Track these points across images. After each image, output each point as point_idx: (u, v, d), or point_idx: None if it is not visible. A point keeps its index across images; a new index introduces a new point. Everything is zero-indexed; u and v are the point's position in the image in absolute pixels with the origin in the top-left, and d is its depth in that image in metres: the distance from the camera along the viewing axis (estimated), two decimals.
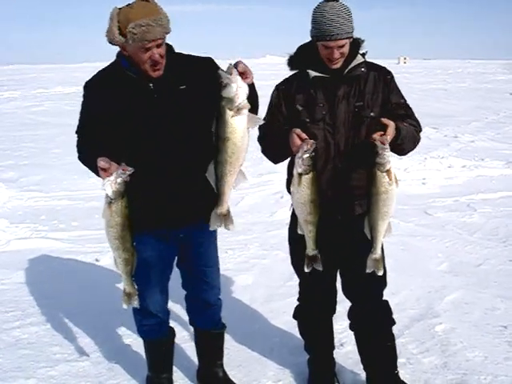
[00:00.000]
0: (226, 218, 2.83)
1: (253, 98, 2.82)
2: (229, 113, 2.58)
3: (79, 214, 7.74)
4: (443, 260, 5.78)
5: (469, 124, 16.11)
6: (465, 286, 5.10)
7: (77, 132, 3.22)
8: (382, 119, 2.96)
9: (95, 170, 2.93)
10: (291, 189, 3.01)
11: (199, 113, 3.03)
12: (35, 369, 3.91)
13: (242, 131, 2.63)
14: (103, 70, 3.17)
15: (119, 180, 2.77)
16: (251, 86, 2.79)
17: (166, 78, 3.02)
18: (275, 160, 3.31)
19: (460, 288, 5.06)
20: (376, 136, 2.90)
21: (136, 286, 3.10)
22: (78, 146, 3.21)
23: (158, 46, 2.90)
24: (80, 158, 3.20)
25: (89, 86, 3.14)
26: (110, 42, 2.95)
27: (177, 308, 4.28)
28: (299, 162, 2.88)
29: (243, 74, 2.67)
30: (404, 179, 9.07)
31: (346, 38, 3.01)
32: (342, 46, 3.01)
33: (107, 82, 3.08)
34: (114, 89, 3.02)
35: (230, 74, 2.57)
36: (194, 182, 3.07)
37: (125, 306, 3.14)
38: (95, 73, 3.18)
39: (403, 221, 7.07)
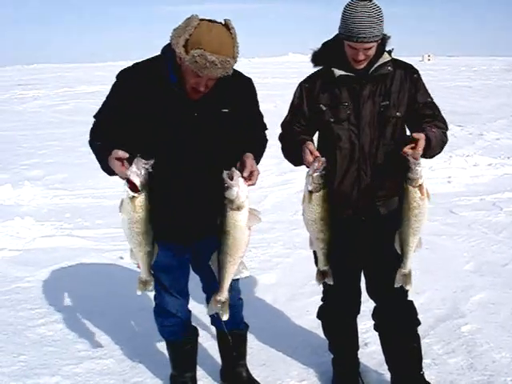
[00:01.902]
0: (224, 304, 2.98)
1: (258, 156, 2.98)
2: (230, 211, 2.74)
3: (104, 212, 7.79)
4: (469, 260, 5.72)
5: (494, 121, 15.90)
6: (491, 286, 5.04)
7: (95, 116, 3.06)
8: (414, 134, 2.87)
9: (102, 159, 2.82)
10: (302, 206, 2.98)
11: (233, 138, 2.99)
12: (60, 366, 3.95)
13: (241, 227, 2.78)
14: (140, 63, 3.01)
15: (144, 171, 2.64)
16: (259, 155, 3.01)
17: (209, 96, 2.89)
18: (293, 164, 3.27)
19: (486, 288, 5.00)
20: (408, 150, 2.83)
21: (152, 272, 3.01)
22: (92, 130, 3.06)
23: (210, 81, 2.79)
24: (91, 144, 3.03)
25: (123, 76, 2.98)
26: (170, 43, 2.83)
27: (200, 308, 4.28)
28: (309, 180, 2.86)
29: (248, 177, 2.76)
30: (429, 178, 8.96)
31: (374, 42, 2.95)
32: (369, 49, 2.96)
33: (144, 77, 2.92)
34: (150, 87, 2.88)
35: (232, 179, 2.69)
36: (212, 201, 2.90)
37: (139, 292, 3.06)
38: (131, 65, 3.02)
39: (428, 220, 6.90)
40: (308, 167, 2.89)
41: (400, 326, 3.38)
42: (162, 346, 3.99)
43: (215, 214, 2.86)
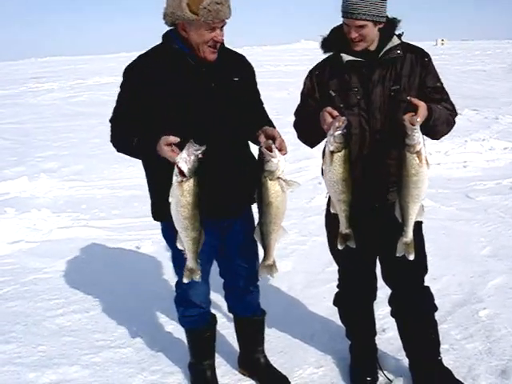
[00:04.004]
0: (272, 267, 3.13)
1: None
2: (270, 182, 2.86)
3: (119, 202, 7.84)
4: (486, 244, 5.68)
5: (509, 105, 15.70)
6: (508, 271, 5.00)
7: (111, 120, 3.10)
8: (412, 99, 2.87)
9: (147, 153, 2.89)
10: (323, 167, 2.96)
11: (247, 106, 3.11)
12: (79, 355, 3.98)
13: (282, 195, 2.91)
14: (145, 54, 3.09)
15: (193, 157, 2.67)
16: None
17: (219, 66, 3.02)
18: (310, 142, 3.27)
19: (503, 273, 4.96)
20: (406, 117, 2.81)
21: (199, 261, 2.99)
22: (114, 134, 3.10)
23: (222, 28, 2.93)
24: (120, 146, 3.07)
25: (130, 70, 3.04)
26: (170, 22, 2.94)
27: (216, 295, 4.30)
28: (330, 139, 2.84)
29: (279, 147, 2.87)
30: (445, 162, 8.95)
31: (367, 20, 2.92)
32: (361, 27, 2.93)
33: (155, 64, 3.00)
34: (163, 71, 2.97)
35: (271, 151, 2.81)
36: (239, 173, 3.08)
37: (185, 280, 3.03)
38: (135, 58, 3.08)
39: (444, 205, 6.96)
40: (328, 130, 2.86)
41: (416, 312, 3.36)
42: (180, 334, 4.01)
43: (243, 184, 3.07)
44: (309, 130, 3.16)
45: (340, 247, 3.11)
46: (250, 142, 3.24)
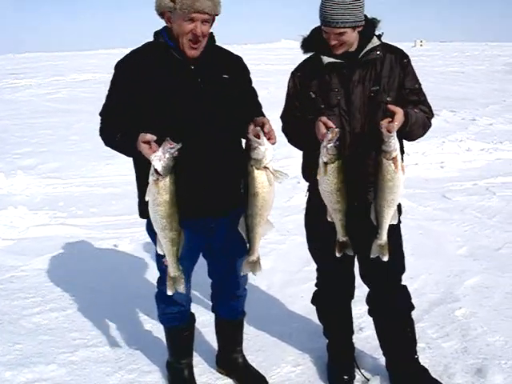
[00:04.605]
0: (256, 264, 3.07)
1: None
2: (257, 171, 2.80)
3: (97, 200, 7.79)
4: (462, 244, 5.74)
5: (487, 107, 15.93)
6: (484, 270, 5.07)
7: (101, 114, 3.10)
8: (389, 106, 2.92)
9: (127, 149, 2.90)
10: (317, 178, 2.98)
11: (237, 104, 3.08)
12: (56, 354, 3.95)
13: (268, 186, 2.85)
14: (135, 50, 3.09)
15: (167, 155, 2.65)
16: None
17: (208, 64, 3.02)
18: (302, 148, 3.30)
19: (480, 272, 5.03)
20: (383, 123, 2.85)
21: (181, 268, 2.96)
22: (103, 127, 3.09)
23: (204, 23, 2.89)
24: (107, 140, 3.06)
25: (121, 66, 3.04)
26: (158, 11, 2.94)
27: (196, 293, 4.29)
28: (324, 151, 2.87)
29: (268, 135, 2.81)
30: (422, 163, 9.02)
31: (345, 28, 2.94)
32: (341, 34, 2.96)
33: (143, 60, 3.01)
34: (151, 67, 2.97)
35: (259, 138, 2.76)
36: (229, 173, 3.05)
37: (169, 293, 3.00)
38: (127, 53, 3.10)
39: (421, 205, 7.03)
40: (322, 140, 2.89)
41: (393, 311, 3.39)
42: (157, 333, 4.01)
43: (231, 184, 2.99)
44: (301, 138, 3.19)
45: (338, 255, 3.15)
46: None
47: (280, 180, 2.88)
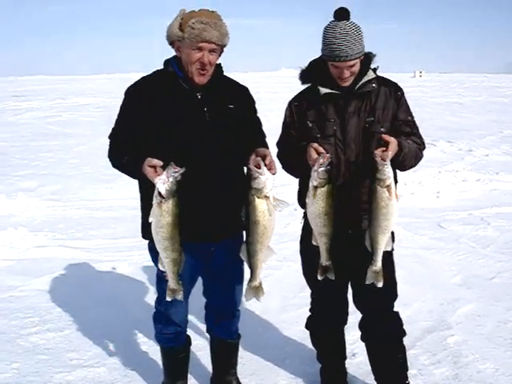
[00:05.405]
0: (259, 289, 3.17)
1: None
2: (258, 200, 2.87)
3: (96, 223, 7.85)
4: (456, 273, 5.80)
5: (484, 138, 16.04)
6: (478, 299, 5.12)
7: (110, 137, 3.20)
8: (384, 136, 3.01)
9: (133, 172, 2.98)
10: (306, 200, 3.05)
11: (241, 133, 3.17)
12: (52, 374, 3.98)
13: (269, 215, 2.92)
14: (145, 77, 3.21)
15: (171, 179, 2.75)
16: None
17: (214, 93, 3.11)
18: (296, 174, 3.37)
19: (473, 301, 5.08)
20: (377, 152, 2.95)
21: (181, 282, 3.04)
22: (111, 150, 3.18)
23: (211, 53, 3.01)
24: (114, 162, 3.15)
25: (132, 91, 3.16)
26: (169, 41, 3.07)
27: (192, 315, 4.34)
28: (314, 175, 2.94)
29: (269, 166, 2.90)
30: (418, 192, 9.10)
31: (356, 59, 3.06)
32: (353, 66, 3.06)
33: (152, 88, 3.12)
34: (159, 95, 3.07)
35: (259, 168, 2.84)
36: (230, 199, 3.12)
37: (169, 299, 3.07)
38: (137, 79, 3.22)
39: (417, 234, 7.09)
40: (313, 165, 2.96)
41: (386, 337, 3.44)
42: (154, 354, 4.05)
43: (233, 209, 3.04)
44: (293, 164, 3.27)
45: (320, 278, 3.19)
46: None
47: (280, 208, 2.95)
